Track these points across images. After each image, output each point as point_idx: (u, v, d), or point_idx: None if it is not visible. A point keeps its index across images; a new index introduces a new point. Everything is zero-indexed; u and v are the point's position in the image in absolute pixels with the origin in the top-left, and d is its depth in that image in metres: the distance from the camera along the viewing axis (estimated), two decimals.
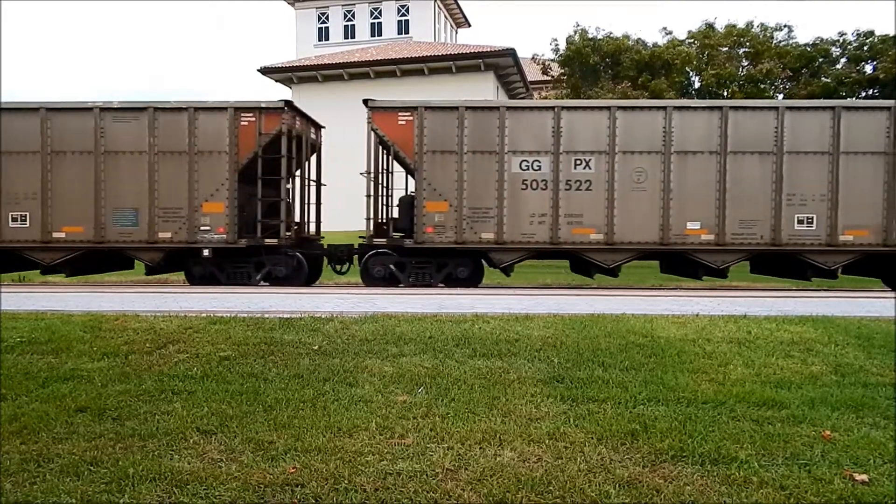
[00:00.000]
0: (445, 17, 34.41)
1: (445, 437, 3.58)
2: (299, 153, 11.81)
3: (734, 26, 23.17)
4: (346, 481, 3.05)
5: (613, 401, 4.15)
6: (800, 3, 36.99)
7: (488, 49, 25.35)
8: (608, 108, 10.88)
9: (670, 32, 23.87)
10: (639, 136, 10.76)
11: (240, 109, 10.93)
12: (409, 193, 12.19)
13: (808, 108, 10.85)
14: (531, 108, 11.34)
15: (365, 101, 11.15)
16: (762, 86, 22.07)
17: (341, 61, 26.51)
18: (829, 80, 21.62)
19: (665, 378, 4.57)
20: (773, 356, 5.12)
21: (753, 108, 10.92)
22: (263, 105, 10.98)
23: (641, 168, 10.74)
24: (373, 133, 11.08)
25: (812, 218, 10.70)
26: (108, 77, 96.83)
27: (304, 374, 4.66)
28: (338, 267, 12.16)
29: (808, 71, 22.75)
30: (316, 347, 5.28)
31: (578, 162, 10.78)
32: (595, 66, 22.88)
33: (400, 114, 10.92)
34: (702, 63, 22.65)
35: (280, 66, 27.35)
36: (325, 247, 12.31)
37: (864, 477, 3.11)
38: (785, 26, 23.75)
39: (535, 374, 4.67)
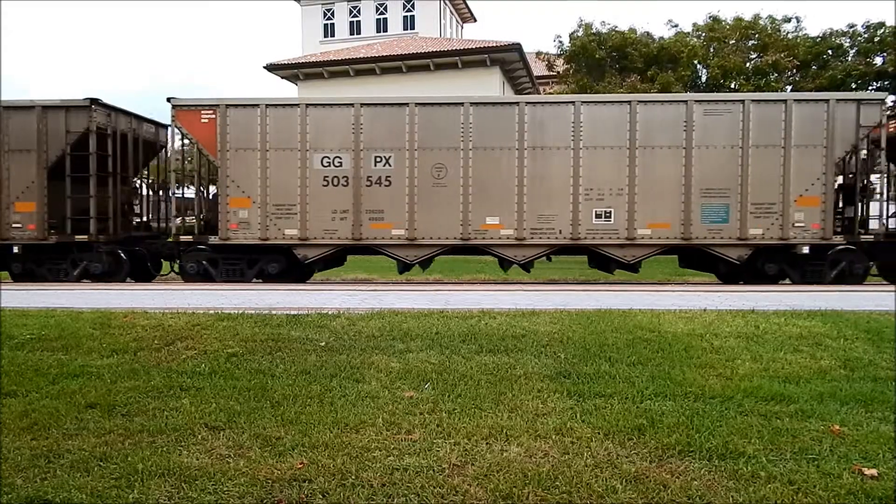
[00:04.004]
0: (451, 12, 34.31)
1: (452, 433, 3.59)
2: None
3: (741, 19, 22.97)
4: (353, 477, 3.06)
5: (620, 396, 4.14)
6: None
7: (494, 44, 25.25)
8: None
9: (676, 25, 23.69)
10: None
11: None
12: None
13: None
14: None
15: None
16: (770, 77, 21.88)
17: (347, 57, 26.51)
18: (836, 73, 21.40)
19: (672, 373, 4.56)
20: (781, 351, 5.09)
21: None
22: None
23: None
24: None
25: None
26: (113, 74, 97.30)
27: (312, 370, 4.68)
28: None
29: (816, 63, 22.53)
30: (323, 344, 5.30)
31: None
32: (601, 60, 22.74)
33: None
34: (708, 55, 22.46)
35: (286, 62, 27.36)
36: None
37: (874, 471, 3.09)
38: (793, 18, 23.54)
39: (542, 370, 4.66)
